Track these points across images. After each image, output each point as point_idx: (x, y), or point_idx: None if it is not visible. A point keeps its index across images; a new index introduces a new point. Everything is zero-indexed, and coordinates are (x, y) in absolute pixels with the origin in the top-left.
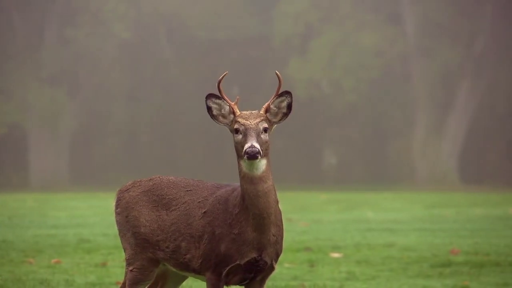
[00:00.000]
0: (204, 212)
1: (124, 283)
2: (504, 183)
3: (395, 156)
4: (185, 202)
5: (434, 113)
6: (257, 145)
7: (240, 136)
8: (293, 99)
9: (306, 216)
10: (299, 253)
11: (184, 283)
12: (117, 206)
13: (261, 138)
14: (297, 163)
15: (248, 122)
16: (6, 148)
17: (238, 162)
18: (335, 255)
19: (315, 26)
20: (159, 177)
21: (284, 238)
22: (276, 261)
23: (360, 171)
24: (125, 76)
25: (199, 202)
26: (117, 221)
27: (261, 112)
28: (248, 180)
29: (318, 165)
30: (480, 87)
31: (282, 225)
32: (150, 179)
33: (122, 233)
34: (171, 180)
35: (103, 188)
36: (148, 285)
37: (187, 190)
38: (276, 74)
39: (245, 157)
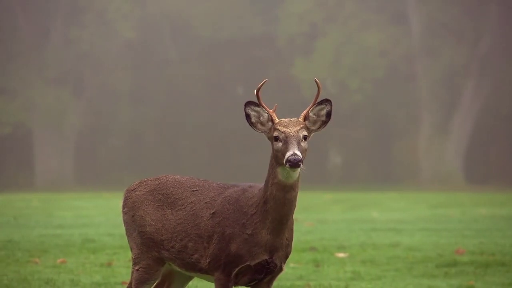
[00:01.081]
0: (213, 212)
1: (130, 283)
2: (509, 182)
3: (400, 156)
4: (191, 202)
5: (439, 113)
6: (299, 153)
7: (280, 144)
8: (332, 107)
9: (311, 216)
10: (304, 253)
11: (190, 283)
12: (124, 205)
13: (301, 146)
14: None
15: (289, 130)
16: (11, 148)
17: (273, 169)
18: (340, 255)
19: (319, 26)
20: (165, 177)
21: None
22: (284, 263)
23: (365, 171)
24: (130, 75)
25: (206, 202)
26: (124, 220)
27: (299, 119)
28: (280, 187)
29: (323, 165)
30: (485, 87)
31: (293, 227)
32: (157, 178)
33: (129, 233)
34: (176, 179)
35: (108, 188)
36: (155, 285)
37: (193, 190)
38: (316, 81)
39: (288, 165)
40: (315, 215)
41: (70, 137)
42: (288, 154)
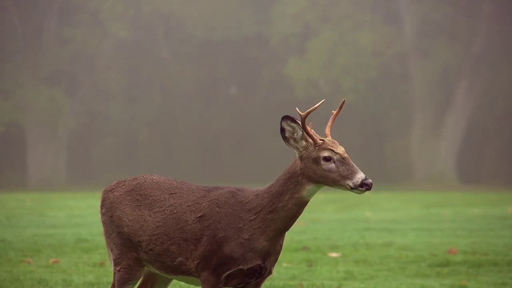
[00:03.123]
0: (200, 216)
1: (113, 284)
2: (502, 182)
3: (393, 155)
4: (171, 205)
5: (432, 113)
6: None
7: (332, 165)
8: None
9: (304, 216)
10: (297, 252)
11: (175, 282)
12: (102, 206)
13: None
14: None
15: (341, 151)
16: (4, 148)
17: (297, 185)
18: (333, 254)
19: (313, 25)
20: (143, 177)
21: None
22: (274, 266)
23: None
24: (123, 75)
25: (188, 206)
26: (102, 221)
27: (330, 137)
28: (299, 203)
29: None
30: (478, 86)
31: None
32: (134, 178)
33: (107, 234)
34: (154, 180)
35: (101, 187)
36: (138, 285)
37: (171, 193)
38: (343, 101)
39: (364, 188)
40: (308, 215)
41: (63, 136)
42: (360, 177)
